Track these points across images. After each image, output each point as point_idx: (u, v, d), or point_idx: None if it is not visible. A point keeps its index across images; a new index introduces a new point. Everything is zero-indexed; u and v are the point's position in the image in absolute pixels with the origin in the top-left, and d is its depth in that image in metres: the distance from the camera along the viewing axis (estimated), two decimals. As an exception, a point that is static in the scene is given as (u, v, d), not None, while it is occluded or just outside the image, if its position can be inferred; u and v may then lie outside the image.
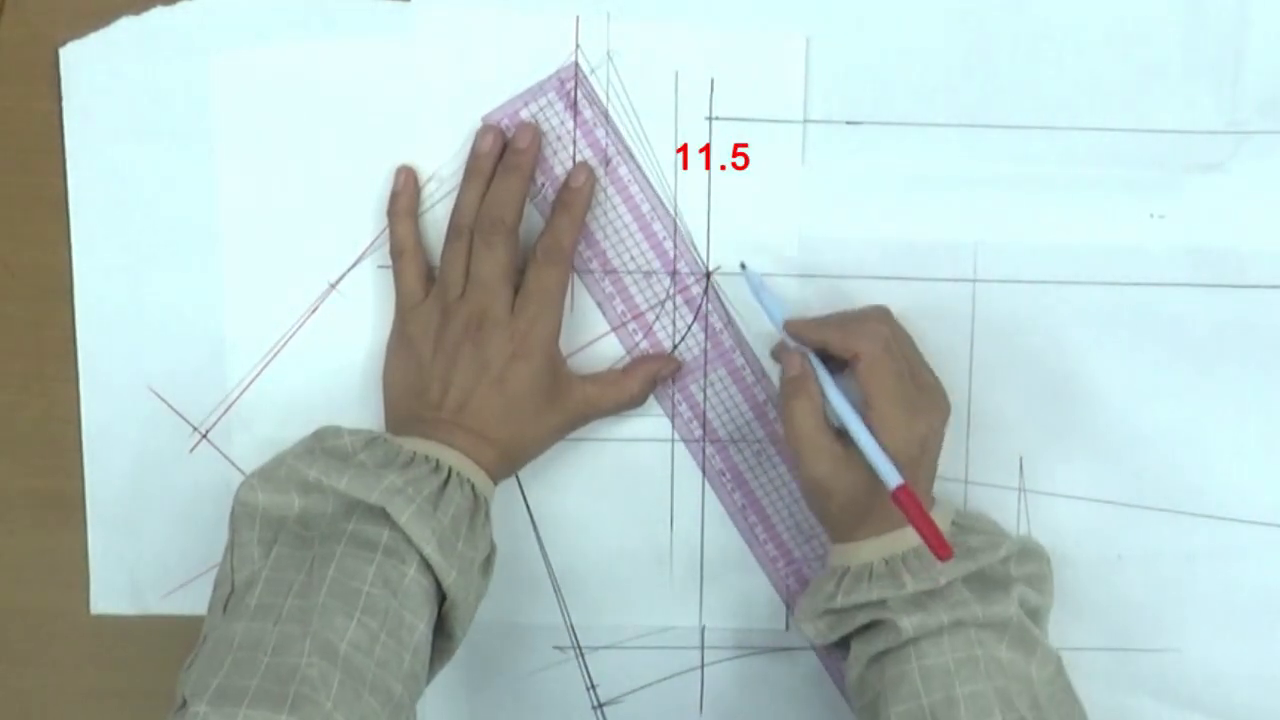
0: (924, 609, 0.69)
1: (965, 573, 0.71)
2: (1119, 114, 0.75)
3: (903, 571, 0.70)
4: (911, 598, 0.70)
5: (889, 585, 0.70)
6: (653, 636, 0.80)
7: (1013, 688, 0.68)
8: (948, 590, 0.70)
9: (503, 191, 0.74)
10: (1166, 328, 0.76)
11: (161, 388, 0.78)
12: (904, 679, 0.69)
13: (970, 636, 0.69)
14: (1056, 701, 0.70)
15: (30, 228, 0.77)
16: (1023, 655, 0.70)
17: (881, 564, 0.71)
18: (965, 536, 0.72)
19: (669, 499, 0.79)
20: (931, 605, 0.69)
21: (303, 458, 0.69)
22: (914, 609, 0.69)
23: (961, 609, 0.69)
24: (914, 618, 0.69)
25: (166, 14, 0.75)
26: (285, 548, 0.67)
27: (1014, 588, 0.71)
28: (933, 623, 0.69)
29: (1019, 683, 0.69)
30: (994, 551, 0.72)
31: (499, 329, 0.72)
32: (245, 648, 0.63)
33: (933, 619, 0.69)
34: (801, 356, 0.73)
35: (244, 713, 0.60)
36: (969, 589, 0.70)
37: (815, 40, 0.75)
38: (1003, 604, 0.70)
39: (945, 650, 0.69)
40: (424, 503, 0.68)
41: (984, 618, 0.69)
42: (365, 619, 0.65)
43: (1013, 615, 0.70)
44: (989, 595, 0.70)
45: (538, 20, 0.75)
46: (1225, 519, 0.77)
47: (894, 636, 0.69)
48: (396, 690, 0.65)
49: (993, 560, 0.71)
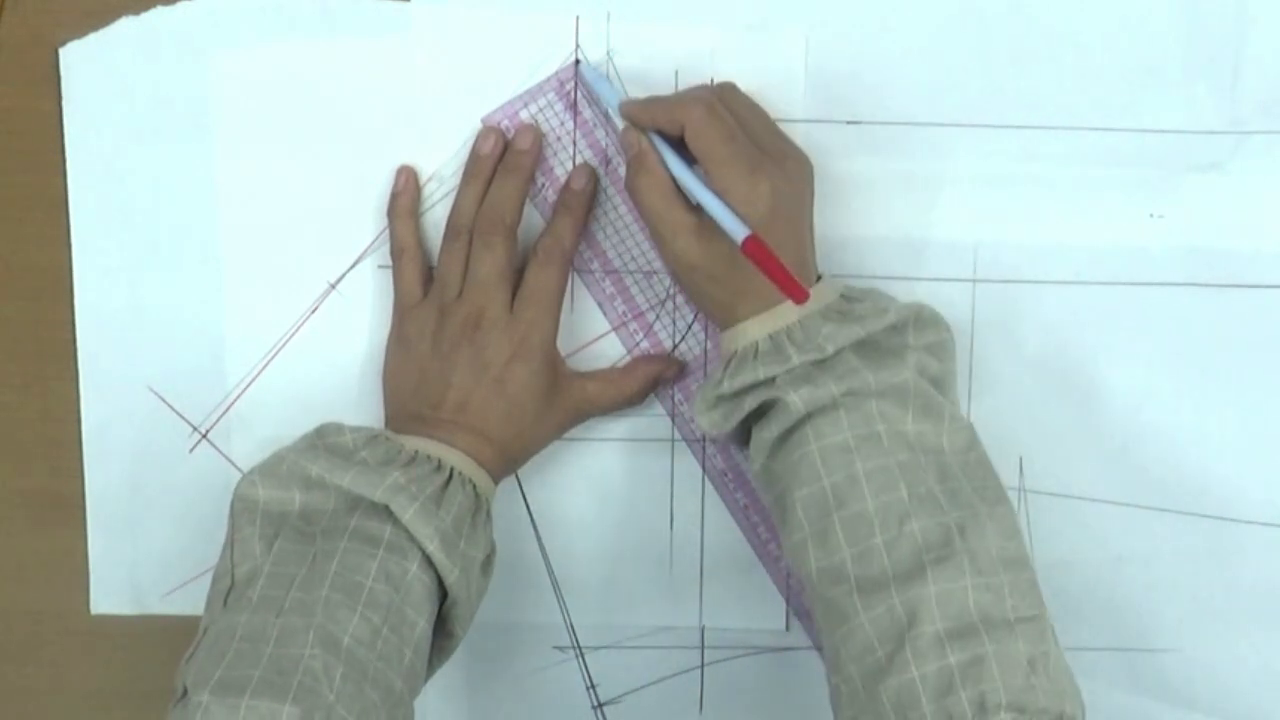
0: (812, 381, 0.67)
1: (852, 339, 0.68)
2: (1119, 114, 0.75)
3: (787, 345, 0.68)
4: (800, 372, 0.67)
5: (775, 362, 0.68)
6: (653, 636, 0.80)
7: (919, 460, 0.66)
8: (837, 361, 0.67)
9: (503, 192, 0.74)
10: (1166, 328, 0.76)
11: (161, 388, 0.78)
12: (804, 461, 0.66)
13: (870, 410, 0.66)
14: (969, 471, 0.67)
15: (30, 228, 0.77)
16: (930, 425, 0.67)
17: (766, 341, 0.68)
18: (852, 305, 0.70)
19: (669, 499, 0.79)
20: (820, 377, 0.67)
21: (305, 454, 0.69)
22: (802, 382, 0.67)
23: (852, 378, 0.67)
24: (802, 391, 0.67)
25: (166, 14, 0.75)
26: (287, 542, 0.67)
27: (909, 354, 0.68)
28: (823, 394, 0.66)
29: (926, 454, 0.66)
30: (881, 317, 0.69)
31: (498, 330, 0.72)
32: (247, 639, 0.63)
33: (822, 390, 0.66)
34: (640, 134, 0.71)
35: (246, 703, 0.60)
36: (859, 358, 0.68)
37: (815, 40, 0.75)
38: (896, 369, 0.67)
39: (844, 427, 0.66)
40: (427, 501, 0.68)
41: (877, 385, 0.67)
42: (368, 613, 0.65)
43: (909, 380, 0.67)
44: (882, 362, 0.67)
45: (538, 20, 0.75)
46: (1225, 519, 0.77)
47: (786, 415, 0.67)
48: (397, 685, 0.65)
49: (880, 326, 0.68)
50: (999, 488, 0.68)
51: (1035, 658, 0.63)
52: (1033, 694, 0.62)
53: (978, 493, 0.66)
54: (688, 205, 0.70)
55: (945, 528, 0.64)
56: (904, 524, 0.65)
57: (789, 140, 0.72)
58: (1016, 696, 0.62)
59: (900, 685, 0.62)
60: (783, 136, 0.72)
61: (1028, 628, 0.63)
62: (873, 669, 0.63)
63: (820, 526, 0.66)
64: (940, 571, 0.63)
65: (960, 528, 0.65)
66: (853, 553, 0.65)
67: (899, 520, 0.65)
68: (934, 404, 0.68)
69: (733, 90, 0.72)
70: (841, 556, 0.65)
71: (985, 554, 0.64)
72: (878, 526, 0.65)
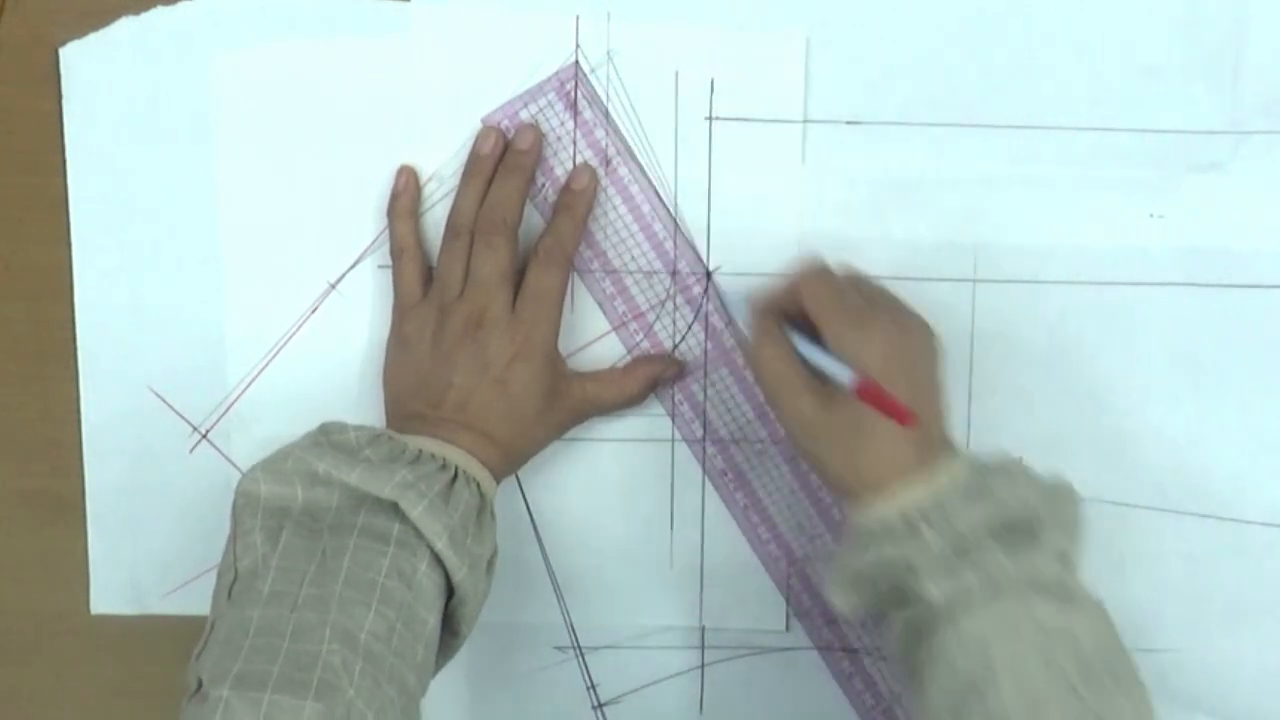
0: (952, 573, 0.66)
1: (989, 519, 0.66)
2: (1119, 114, 0.75)
3: (921, 524, 0.66)
4: (937, 561, 0.66)
5: (909, 542, 0.66)
6: (653, 636, 0.80)
7: (1056, 648, 0.65)
8: (975, 549, 0.66)
9: (504, 192, 0.74)
10: (1166, 328, 0.76)
11: (161, 388, 0.78)
12: (941, 651, 0.65)
13: (1008, 598, 0.65)
14: (1105, 657, 0.66)
15: (30, 228, 0.77)
16: (1063, 610, 0.66)
17: (899, 520, 0.67)
18: (986, 481, 0.68)
19: (669, 499, 0.79)
20: (958, 566, 0.66)
21: (310, 450, 0.69)
22: (941, 574, 0.66)
23: (992, 567, 0.66)
24: (943, 584, 0.66)
25: (166, 14, 0.75)
26: (294, 538, 0.67)
27: (1045, 537, 0.67)
28: (962, 585, 0.65)
29: (1062, 642, 0.65)
30: (1018, 497, 0.67)
31: (499, 329, 0.72)
32: (262, 634, 0.63)
33: (961, 581, 0.65)
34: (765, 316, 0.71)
35: (269, 698, 0.60)
36: (997, 543, 0.66)
37: (815, 40, 0.75)
38: (1034, 555, 0.66)
39: (981, 617, 0.65)
40: (435, 498, 0.68)
41: (1015, 573, 0.65)
42: (383, 609, 0.65)
43: (1047, 568, 0.66)
44: (1017, 547, 0.66)
45: (537, 20, 0.75)
46: (1226, 519, 0.77)
47: (925, 606, 0.66)
48: (410, 681, 0.65)
49: (1018, 507, 0.67)
50: (1133, 671, 0.66)
51: None
52: None
53: (1115, 680, 0.65)
54: (812, 372, 0.69)
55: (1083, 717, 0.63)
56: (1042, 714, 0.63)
57: (911, 307, 0.71)
58: None
59: None
60: (903, 303, 0.71)
61: None
62: None
63: (959, 715, 0.65)
64: None
65: (1098, 715, 0.64)
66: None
67: (1038, 711, 0.64)
68: (1069, 588, 0.67)
69: (852, 267, 0.72)
70: None
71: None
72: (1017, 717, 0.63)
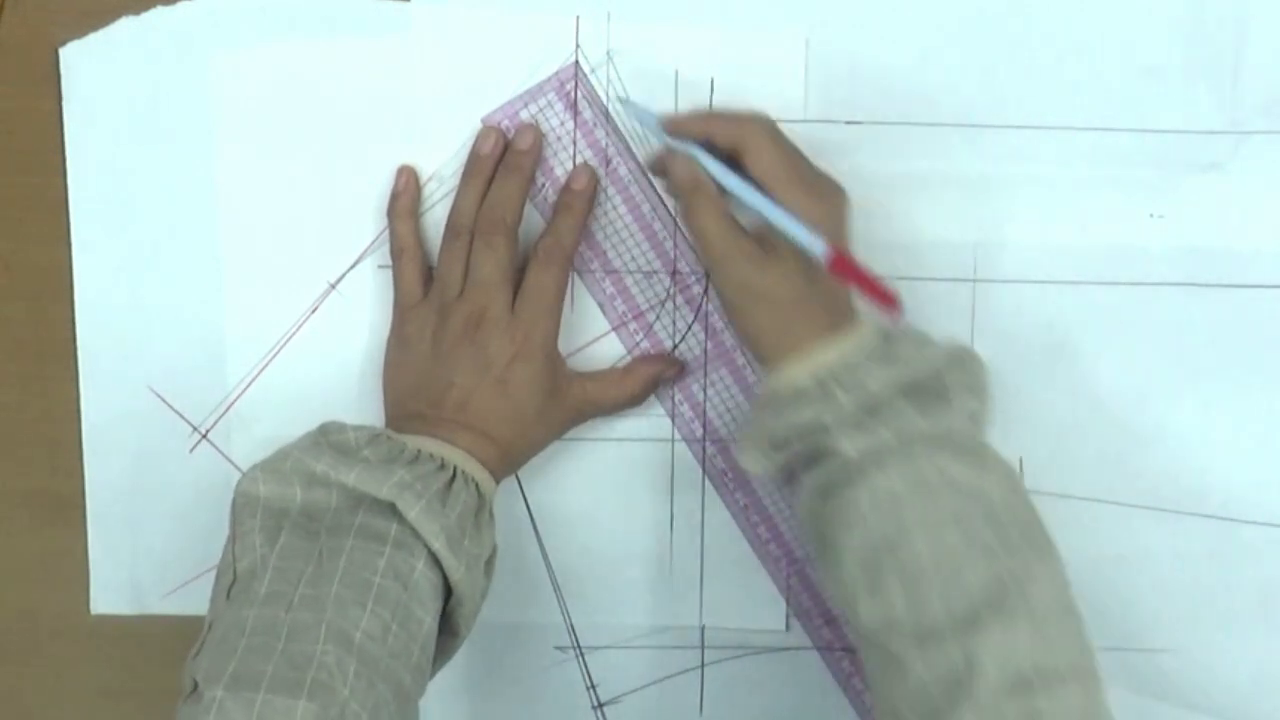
0: (864, 429, 0.66)
1: (899, 381, 0.67)
2: (1119, 114, 0.75)
3: (834, 387, 0.67)
4: (850, 418, 0.66)
5: (821, 403, 0.67)
6: (653, 636, 0.80)
7: (969, 507, 0.65)
8: (886, 407, 0.67)
9: (504, 192, 0.74)
10: (1166, 328, 0.76)
11: (161, 388, 0.78)
12: (854, 508, 0.66)
13: (920, 457, 0.66)
14: (1018, 518, 0.66)
15: (30, 228, 0.77)
16: (975, 470, 0.66)
17: (810, 380, 0.67)
18: (894, 346, 0.69)
19: (669, 499, 0.79)
20: (871, 424, 0.66)
21: (309, 450, 0.69)
22: (854, 430, 0.66)
23: (903, 423, 0.66)
24: (855, 440, 0.66)
25: (166, 14, 0.75)
26: (292, 538, 0.67)
27: (954, 397, 0.67)
28: (875, 442, 0.66)
29: (975, 501, 0.66)
30: (925, 359, 0.68)
31: (499, 329, 0.72)
32: (258, 634, 0.63)
33: (875, 438, 0.66)
34: (688, 159, 0.69)
35: (262, 698, 0.60)
36: (908, 402, 0.67)
37: (815, 40, 0.75)
38: (945, 414, 0.67)
39: (894, 475, 0.65)
40: (432, 499, 0.68)
41: (928, 431, 0.66)
42: (378, 609, 0.65)
43: (957, 425, 0.67)
44: (929, 407, 0.67)
45: (537, 20, 0.75)
46: (1225, 519, 0.77)
47: (839, 462, 0.67)
48: (406, 681, 0.65)
49: (925, 367, 0.68)
50: (1046, 534, 0.67)
51: (1087, 711, 0.63)
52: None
53: (1027, 540, 0.66)
54: (743, 230, 0.69)
55: (1000, 577, 0.64)
56: (959, 573, 0.64)
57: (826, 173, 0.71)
58: None
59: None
60: (820, 170, 0.71)
61: (1081, 682, 0.63)
62: (927, 714, 0.63)
63: (872, 575, 0.65)
64: (998, 622, 0.63)
65: (1015, 577, 0.64)
66: (907, 601, 0.64)
67: (954, 569, 0.64)
68: (979, 448, 0.67)
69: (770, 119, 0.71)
70: (896, 605, 0.64)
71: (1041, 605, 0.64)
72: (933, 575, 0.64)
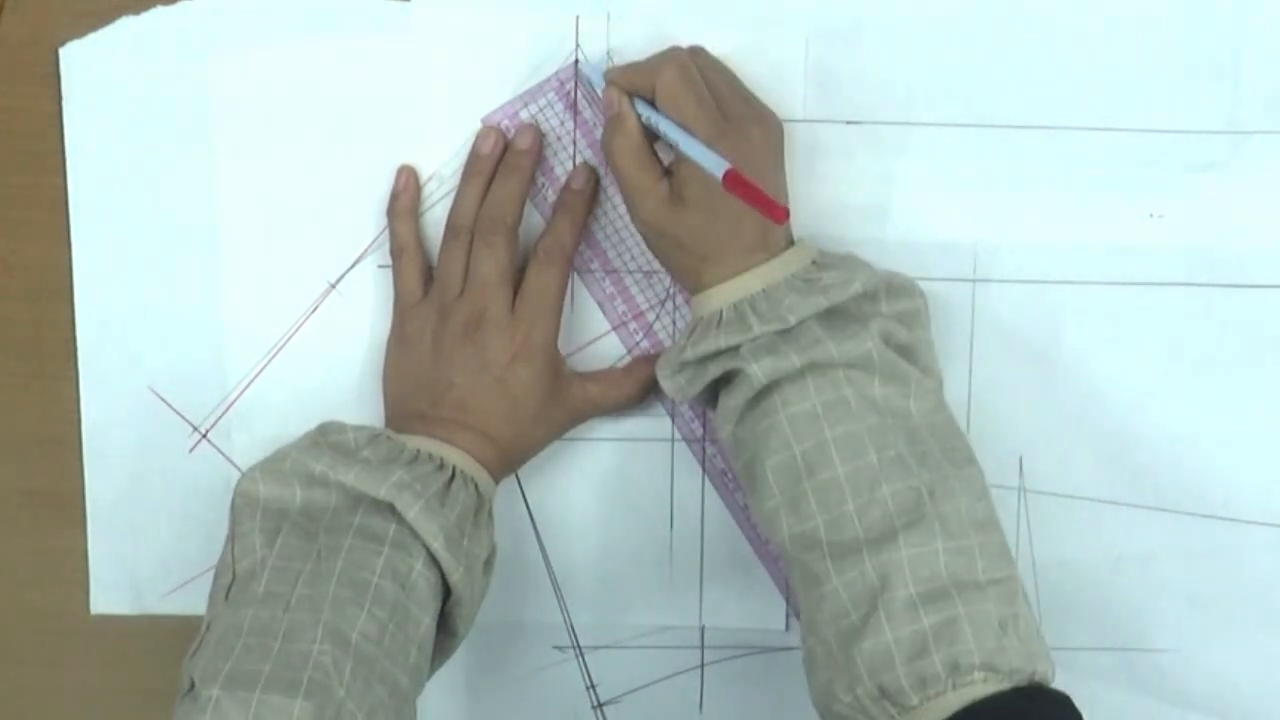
0: (774, 352, 0.67)
1: (817, 309, 0.68)
2: (1119, 114, 0.75)
3: (750, 314, 0.68)
4: (763, 341, 0.67)
5: (737, 331, 0.68)
6: (653, 636, 0.80)
7: (887, 424, 0.66)
8: (800, 331, 0.68)
9: (504, 192, 0.74)
10: (1166, 328, 0.76)
11: (161, 388, 0.78)
12: (772, 429, 0.67)
13: (837, 377, 0.67)
14: (937, 434, 0.68)
15: (30, 228, 0.77)
16: (896, 390, 0.67)
17: (730, 309, 0.69)
18: (821, 274, 0.69)
19: (669, 499, 0.79)
20: (782, 347, 0.67)
21: (308, 451, 0.69)
22: (764, 353, 0.67)
23: (814, 348, 0.67)
24: (764, 362, 0.67)
25: (166, 14, 0.75)
26: (290, 539, 0.67)
27: (874, 323, 0.68)
28: (785, 365, 0.67)
29: (894, 418, 0.67)
30: (847, 287, 0.69)
31: (498, 329, 0.73)
32: (255, 634, 0.63)
33: (784, 361, 0.67)
34: (619, 93, 0.71)
35: (258, 697, 0.60)
36: (823, 328, 0.68)
37: (815, 40, 0.75)
38: (858, 340, 0.67)
39: (810, 395, 0.66)
40: (431, 499, 0.68)
41: (839, 356, 0.67)
42: (375, 610, 0.65)
43: (870, 351, 0.67)
44: (844, 331, 0.68)
45: (538, 20, 0.75)
46: (1225, 519, 0.77)
47: (748, 385, 0.67)
48: (403, 682, 0.65)
49: (845, 296, 0.68)
50: (967, 449, 0.68)
51: (1006, 619, 0.64)
52: (1005, 655, 0.63)
53: (946, 455, 0.67)
54: (660, 172, 0.70)
55: (915, 491, 0.65)
56: (874, 489, 0.65)
57: (757, 102, 0.72)
58: (989, 657, 0.63)
59: (874, 648, 0.63)
60: (750, 99, 0.72)
61: (998, 589, 0.64)
62: (846, 632, 0.64)
63: (792, 493, 0.66)
64: (911, 535, 0.64)
65: (930, 491, 0.65)
66: (825, 518, 0.66)
67: (870, 485, 0.65)
68: (899, 370, 0.68)
69: (703, 53, 0.72)
70: (814, 522, 0.66)
71: (955, 517, 0.65)
72: (849, 492, 0.65)
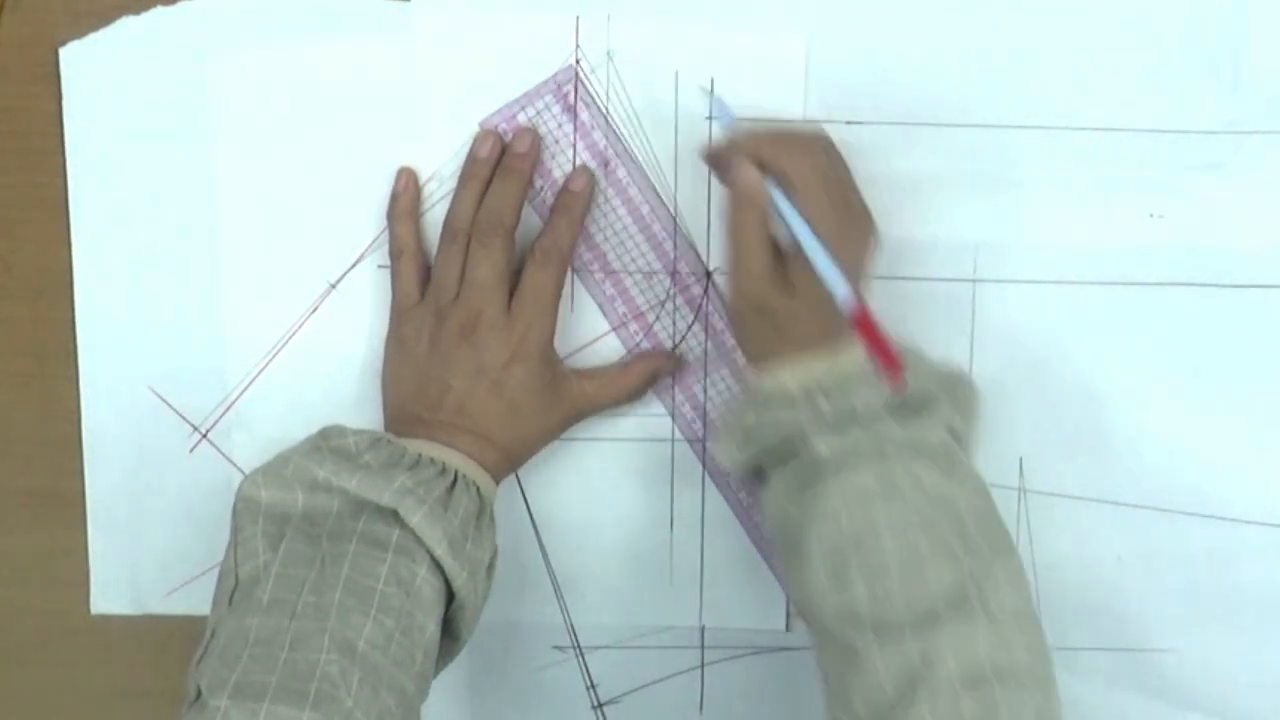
0: (841, 432, 0.67)
1: (883, 397, 0.68)
2: (1119, 114, 0.75)
3: (818, 395, 0.68)
4: (829, 421, 0.67)
5: (804, 408, 0.68)
6: (653, 636, 0.80)
7: (936, 509, 0.66)
8: (866, 417, 0.68)
9: (501, 194, 0.74)
10: (1166, 328, 0.76)
11: (161, 388, 0.78)
12: (824, 502, 0.66)
13: (893, 461, 0.66)
14: (981, 523, 0.67)
15: (30, 228, 0.77)
16: (947, 478, 0.67)
17: (798, 389, 0.68)
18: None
19: (669, 499, 0.79)
20: (849, 429, 0.67)
21: (310, 456, 0.69)
22: (830, 432, 0.67)
23: (879, 429, 0.67)
24: (830, 440, 0.67)
25: (166, 14, 0.75)
26: (294, 544, 0.67)
27: (936, 409, 0.68)
28: (849, 442, 0.67)
29: (943, 505, 0.66)
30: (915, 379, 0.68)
31: (495, 332, 0.72)
32: (261, 643, 0.63)
33: (848, 439, 0.67)
34: (756, 174, 0.69)
35: (266, 708, 0.60)
36: (889, 414, 0.68)
37: (815, 40, 0.75)
38: (926, 427, 0.67)
39: (865, 474, 0.66)
40: (434, 504, 0.68)
41: (905, 440, 0.67)
42: (381, 617, 0.65)
43: (936, 440, 0.68)
44: (910, 420, 0.68)
45: (537, 21, 0.75)
46: (1225, 519, 0.77)
47: (811, 460, 0.67)
48: (409, 689, 0.65)
49: (913, 391, 0.68)
50: (1008, 538, 0.68)
51: (1042, 710, 0.64)
52: None
53: (989, 544, 0.66)
54: (776, 254, 0.69)
55: (961, 577, 0.65)
56: (923, 572, 0.65)
57: (861, 200, 0.72)
58: None
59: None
60: (859, 195, 0.72)
61: (1036, 682, 0.64)
62: (882, 709, 0.63)
63: (838, 569, 0.66)
64: (956, 619, 0.64)
65: (975, 578, 0.65)
66: (870, 596, 0.65)
67: (917, 566, 0.65)
68: (953, 459, 0.68)
69: (830, 140, 0.71)
70: (858, 598, 0.65)
71: (999, 605, 0.65)
72: (897, 572, 0.65)
